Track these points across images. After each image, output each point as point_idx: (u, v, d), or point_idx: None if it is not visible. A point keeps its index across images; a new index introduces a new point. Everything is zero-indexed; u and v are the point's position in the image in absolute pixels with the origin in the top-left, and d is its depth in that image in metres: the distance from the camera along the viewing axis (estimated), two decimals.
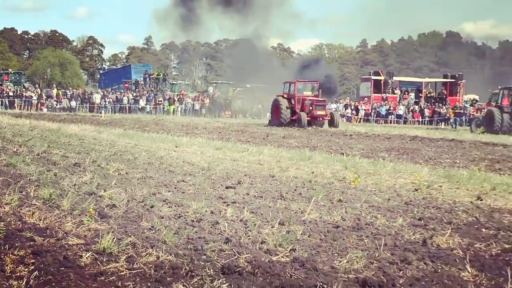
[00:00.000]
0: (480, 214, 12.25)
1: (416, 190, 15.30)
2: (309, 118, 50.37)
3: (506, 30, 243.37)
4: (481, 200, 14.08)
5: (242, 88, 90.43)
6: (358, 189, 15.02)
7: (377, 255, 8.81)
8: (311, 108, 50.90)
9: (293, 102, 52.22)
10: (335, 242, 9.51)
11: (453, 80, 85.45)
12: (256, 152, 23.84)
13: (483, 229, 10.83)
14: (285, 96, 53.09)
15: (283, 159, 21.73)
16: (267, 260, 8.24)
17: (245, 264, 7.99)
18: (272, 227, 10.25)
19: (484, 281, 7.70)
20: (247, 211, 11.41)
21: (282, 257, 8.50)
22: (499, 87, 61.60)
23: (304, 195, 13.75)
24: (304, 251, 8.86)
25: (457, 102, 76.95)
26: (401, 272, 8.03)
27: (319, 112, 51.05)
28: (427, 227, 10.85)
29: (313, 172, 17.96)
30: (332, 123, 51.64)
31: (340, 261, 8.37)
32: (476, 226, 11.08)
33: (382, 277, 7.74)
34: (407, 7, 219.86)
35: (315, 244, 9.39)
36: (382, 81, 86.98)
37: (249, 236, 9.61)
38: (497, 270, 8.20)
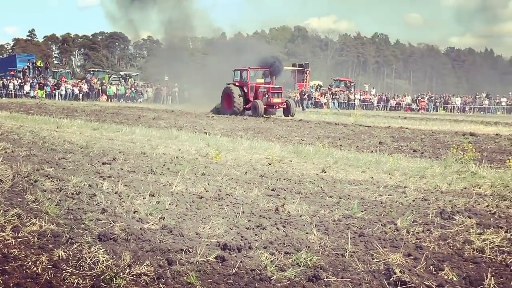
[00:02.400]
0: (324, 185, 12.47)
1: (270, 164, 15.45)
2: (265, 106, 42.81)
3: (345, 25, 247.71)
4: (325, 172, 14.33)
5: (116, 75, 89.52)
6: (219, 164, 15.05)
7: (236, 221, 8.85)
8: (267, 95, 43.06)
9: (245, 90, 44.02)
10: (199, 211, 9.53)
11: (301, 68, 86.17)
12: (129, 132, 23.57)
13: (327, 198, 11.04)
14: (236, 84, 44.43)
15: (153, 138, 21.56)
16: (139, 228, 8.18)
17: (120, 231, 7.90)
18: (143, 198, 10.19)
19: (328, 243, 7.83)
20: (121, 184, 11.30)
21: (152, 224, 8.46)
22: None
23: (172, 170, 13.69)
24: (172, 219, 8.84)
25: (303, 88, 77.77)
26: (257, 236, 8.10)
27: (275, 100, 43.23)
28: (279, 196, 10.97)
29: (179, 149, 17.90)
30: (288, 111, 43.90)
31: (203, 228, 8.39)
32: (321, 195, 11.27)
33: (240, 241, 7.79)
34: (260, 4, 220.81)
35: (181, 212, 9.37)
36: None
37: (123, 206, 9.52)
38: (339, 233, 8.37)
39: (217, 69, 50.65)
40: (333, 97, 72.64)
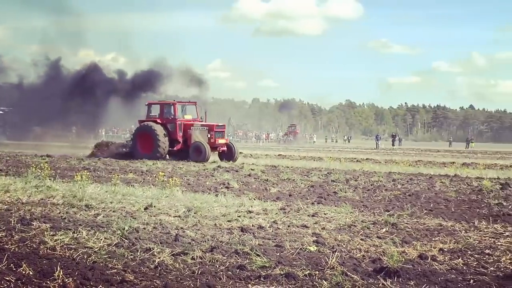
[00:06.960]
0: None
1: None
2: None
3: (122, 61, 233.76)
4: None
5: None
6: None
7: None
8: (209, 135, 28.02)
9: (170, 129, 28.39)
10: None
11: None
12: None
13: None
14: (158, 121, 28.47)
15: None
16: None
17: None
18: None
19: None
20: None
21: None
22: None
23: None
24: None
25: None
26: None
27: (220, 141, 28.56)
28: None
29: None
30: (230, 155, 28.51)
31: None
32: None
33: None
34: None
35: None
36: None
37: None
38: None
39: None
40: None
